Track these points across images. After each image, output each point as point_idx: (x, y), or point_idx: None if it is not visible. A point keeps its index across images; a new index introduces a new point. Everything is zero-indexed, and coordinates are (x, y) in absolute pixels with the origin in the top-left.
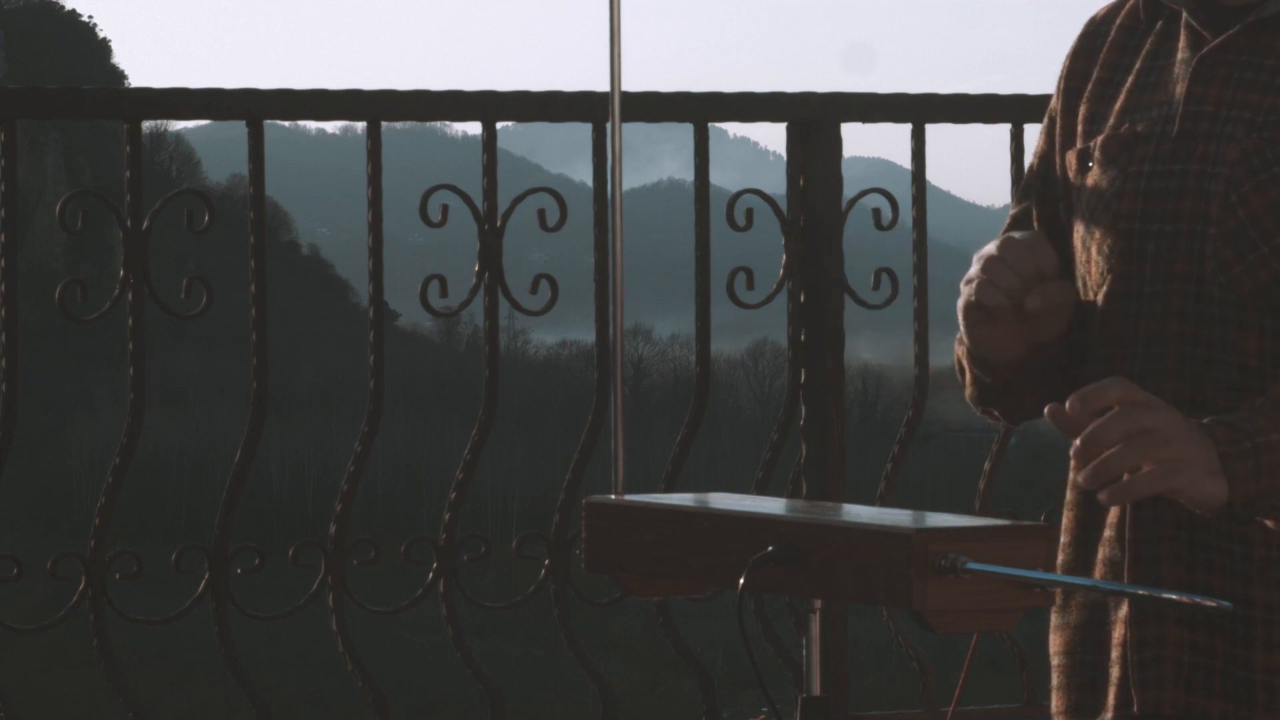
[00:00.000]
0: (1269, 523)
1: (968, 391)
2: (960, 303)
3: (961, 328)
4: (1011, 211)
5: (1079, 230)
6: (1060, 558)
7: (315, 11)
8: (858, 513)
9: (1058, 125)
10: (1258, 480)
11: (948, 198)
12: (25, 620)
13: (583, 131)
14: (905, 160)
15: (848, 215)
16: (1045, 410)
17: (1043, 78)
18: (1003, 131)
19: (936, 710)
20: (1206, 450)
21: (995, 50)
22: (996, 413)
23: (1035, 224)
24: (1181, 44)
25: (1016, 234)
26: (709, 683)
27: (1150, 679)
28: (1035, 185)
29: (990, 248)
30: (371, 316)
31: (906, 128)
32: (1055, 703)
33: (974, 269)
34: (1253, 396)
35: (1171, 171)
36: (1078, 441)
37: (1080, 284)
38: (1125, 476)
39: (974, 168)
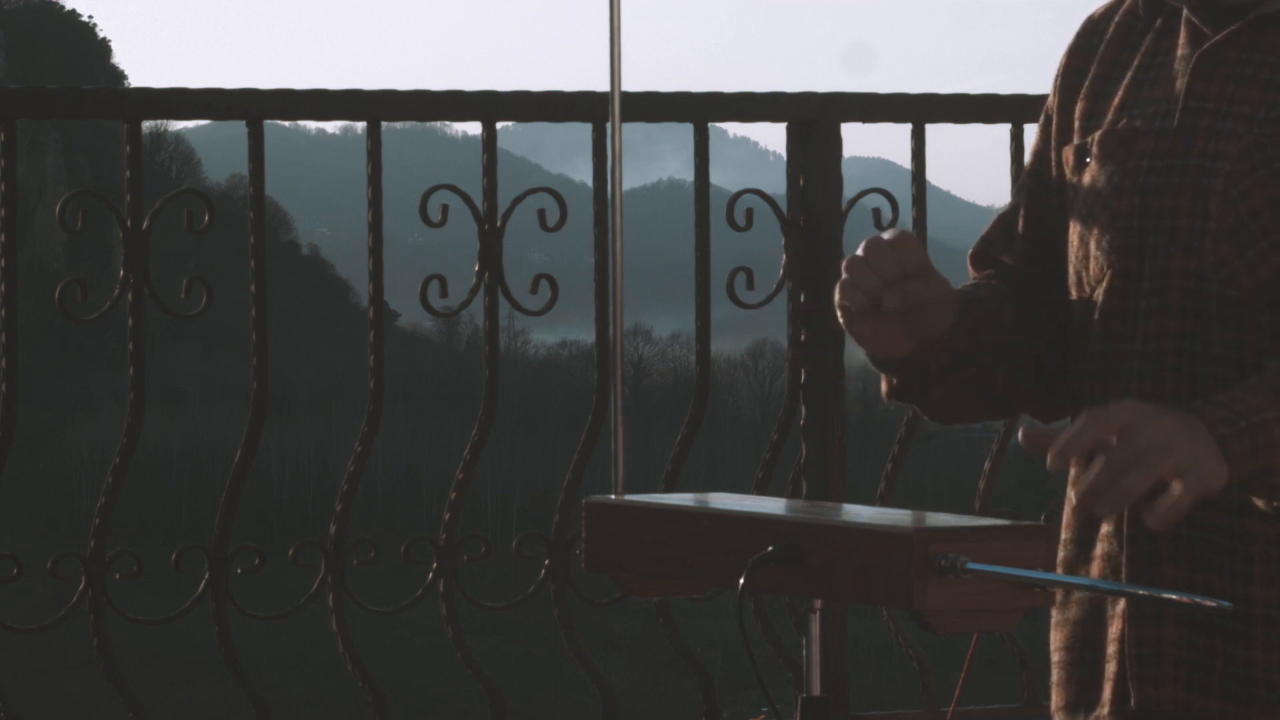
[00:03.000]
0: (1260, 503)
1: (882, 388)
2: (835, 303)
3: (844, 328)
4: (1000, 210)
5: (1076, 226)
6: (1061, 554)
7: (315, 11)
8: (858, 513)
9: (1054, 122)
10: (1254, 459)
11: (948, 198)
12: (25, 620)
13: (583, 131)
14: (905, 160)
15: (848, 215)
16: (1020, 434)
17: (1043, 78)
18: (1003, 131)
19: (936, 710)
20: (1204, 440)
21: (995, 50)
22: (918, 410)
23: (1022, 222)
24: (1181, 40)
25: (885, 234)
26: (709, 683)
27: (1148, 676)
28: (1027, 183)
29: (858, 249)
30: (371, 316)
31: (906, 128)
32: (1055, 699)
33: (842, 270)
34: (1247, 380)
35: (1170, 167)
36: (1084, 482)
37: (1077, 280)
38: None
39: (974, 168)
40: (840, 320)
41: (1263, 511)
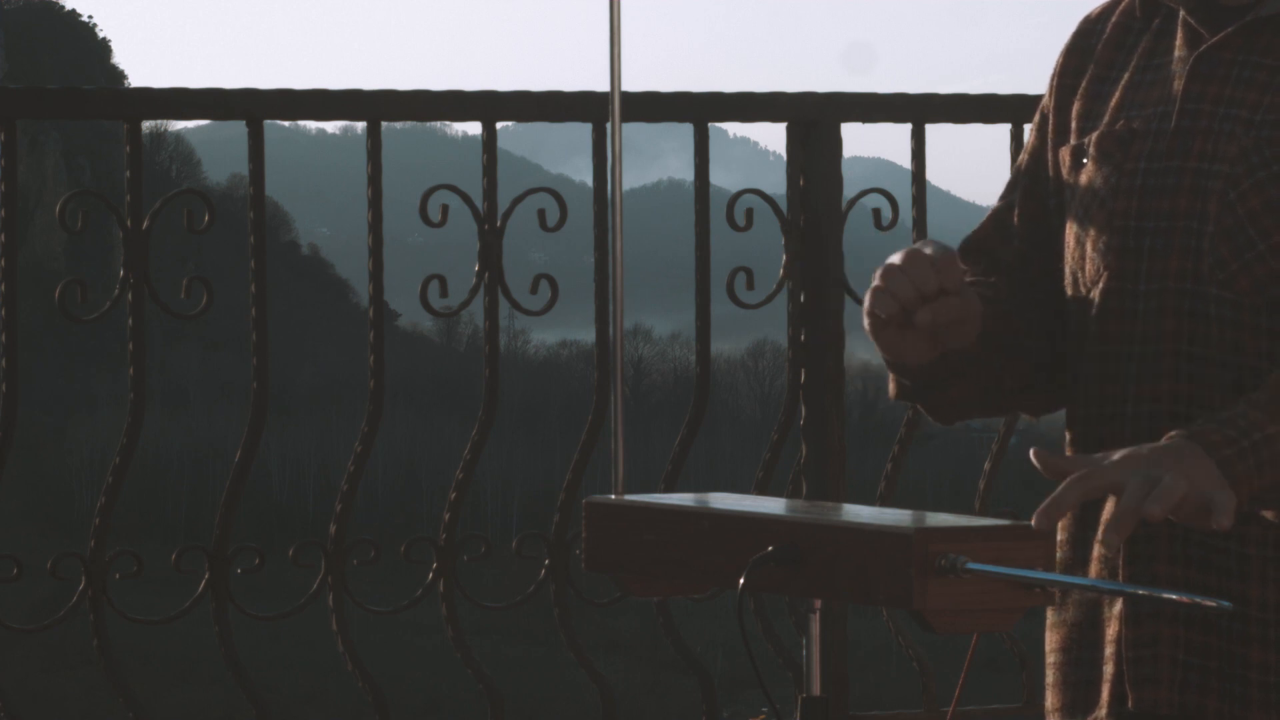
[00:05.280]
0: (1269, 514)
1: (890, 389)
2: (864, 307)
3: (867, 332)
4: (994, 206)
5: (1072, 227)
6: (1057, 555)
7: (315, 11)
8: (858, 513)
9: (1050, 122)
10: (1260, 477)
11: (948, 198)
12: (25, 620)
13: (583, 131)
14: (905, 160)
15: (848, 215)
16: (1031, 454)
17: (1043, 78)
18: (1003, 131)
19: (936, 710)
20: (1204, 468)
21: (995, 50)
22: (921, 409)
23: (1019, 220)
24: (1179, 42)
25: (928, 247)
26: (709, 683)
27: (1145, 677)
28: (1023, 181)
29: (895, 257)
30: (371, 316)
31: (906, 128)
32: (1050, 700)
33: (876, 276)
34: (1248, 394)
35: (1168, 168)
36: (1104, 525)
37: (1073, 281)
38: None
39: (974, 168)
40: (866, 326)
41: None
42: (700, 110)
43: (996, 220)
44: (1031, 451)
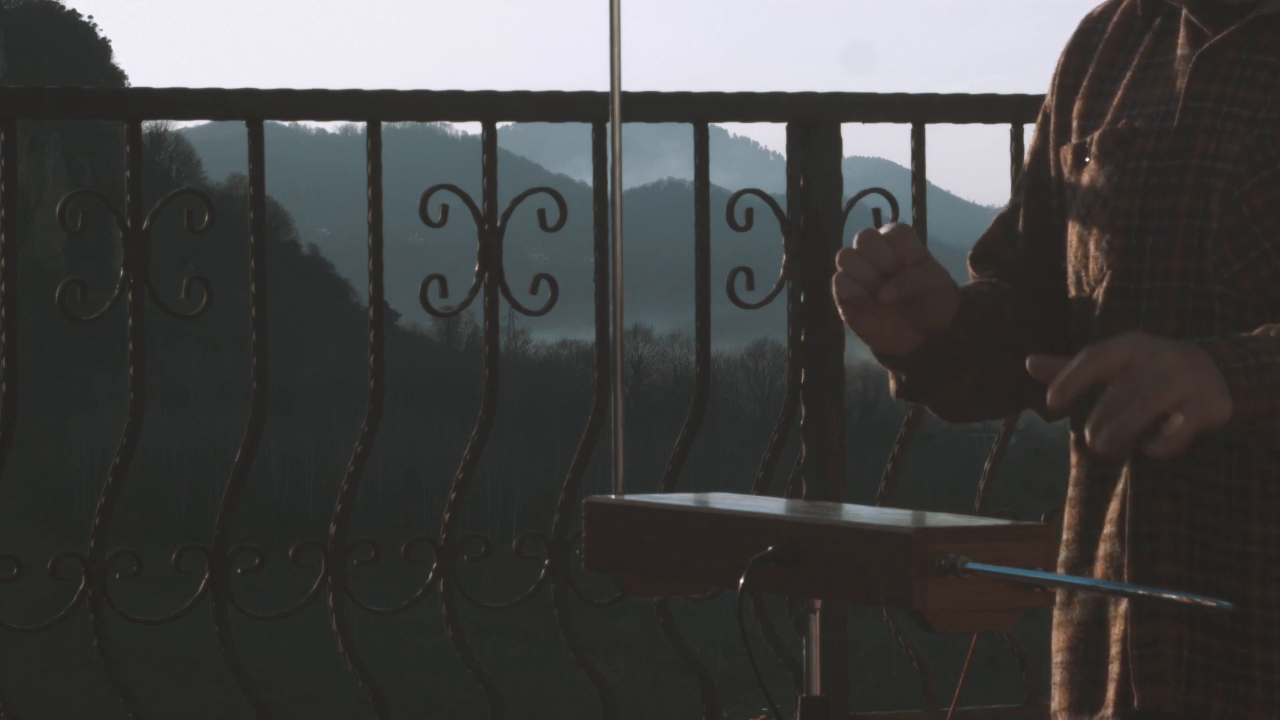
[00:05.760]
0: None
1: (891, 387)
2: (834, 296)
3: (846, 323)
4: (1000, 211)
5: (1075, 226)
6: (1062, 554)
7: (315, 11)
8: (858, 513)
9: (1052, 121)
10: (1259, 397)
11: (948, 198)
12: (25, 620)
13: (583, 131)
14: (905, 160)
15: (848, 215)
16: (1028, 361)
17: (1043, 78)
18: (1003, 131)
19: (936, 710)
20: (1209, 372)
21: (995, 50)
22: (928, 409)
23: (1021, 222)
24: (1181, 41)
25: (883, 227)
26: (709, 683)
27: (1150, 675)
28: (1026, 182)
29: (852, 242)
30: (371, 316)
31: (906, 128)
32: (1056, 699)
33: (836, 264)
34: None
35: (1170, 167)
36: (1090, 421)
37: (1076, 280)
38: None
39: (974, 168)
40: (842, 317)
41: (1263, 511)
42: (700, 110)
43: (1003, 224)
44: (1028, 360)
